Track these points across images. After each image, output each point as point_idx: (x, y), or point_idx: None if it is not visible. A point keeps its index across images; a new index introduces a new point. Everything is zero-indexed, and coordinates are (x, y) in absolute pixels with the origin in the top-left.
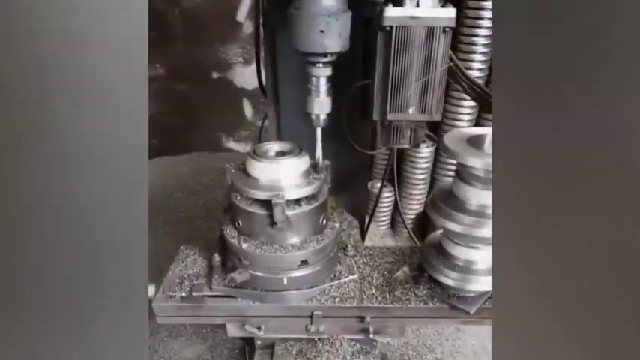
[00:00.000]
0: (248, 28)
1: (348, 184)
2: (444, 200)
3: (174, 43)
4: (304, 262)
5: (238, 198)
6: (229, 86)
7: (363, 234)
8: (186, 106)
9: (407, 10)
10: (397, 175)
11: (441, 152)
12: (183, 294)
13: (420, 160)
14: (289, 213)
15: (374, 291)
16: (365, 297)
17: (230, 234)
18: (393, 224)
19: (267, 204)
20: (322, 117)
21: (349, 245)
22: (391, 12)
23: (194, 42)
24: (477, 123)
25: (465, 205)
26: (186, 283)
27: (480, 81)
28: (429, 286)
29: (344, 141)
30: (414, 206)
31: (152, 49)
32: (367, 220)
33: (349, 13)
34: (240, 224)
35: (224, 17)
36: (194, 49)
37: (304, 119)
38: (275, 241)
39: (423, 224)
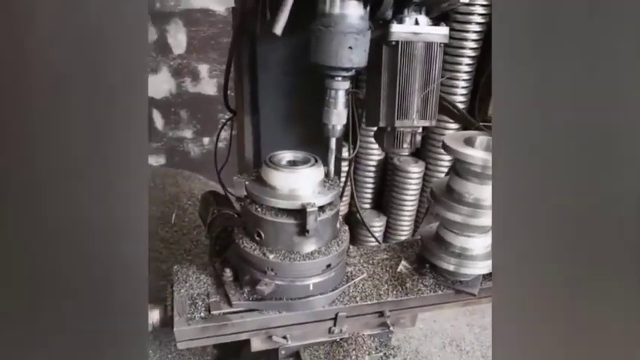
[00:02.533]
0: (152, 35)
1: None
2: (443, 193)
3: None
4: (328, 267)
5: (259, 209)
6: None
7: None
8: None
9: (409, 27)
10: None
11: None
12: (202, 314)
13: (343, 164)
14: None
15: (386, 286)
16: (381, 293)
17: (249, 246)
18: None
19: (293, 213)
20: (338, 127)
21: (350, 247)
22: (396, 28)
23: None
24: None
25: (462, 197)
26: (200, 302)
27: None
28: (432, 276)
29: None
30: (340, 207)
31: None
32: None
33: (370, 31)
34: (263, 235)
35: None
36: None
37: (284, 129)
38: (300, 249)
39: (349, 223)
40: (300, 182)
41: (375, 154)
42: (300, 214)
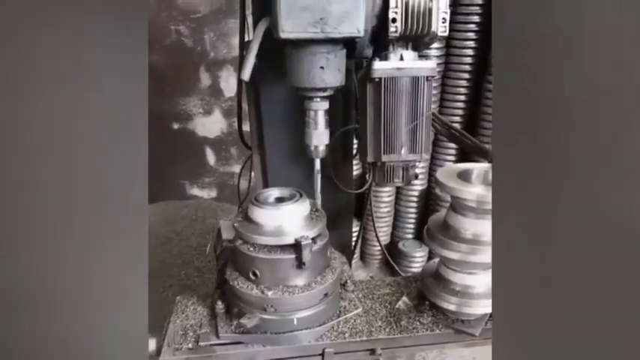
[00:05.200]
0: (206, 80)
1: (334, 222)
2: (439, 230)
3: None
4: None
5: (251, 249)
6: (191, 136)
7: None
8: (150, 157)
9: (393, 63)
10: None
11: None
12: (190, 345)
13: (383, 194)
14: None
15: (380, 323)
16: (373, 329)
17: (235, 280)
18: (363, 256)
19: (284, 248)
20: (321, 148)
21: (348, 281)
22: (379, 65)
23: (155, 96)
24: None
25: (459, 234)
26: (191, 333)
27: None
28: (432, 314)
29: (329, 181)
30: (381, 237)
31: None
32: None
33: (344, 51)
34: (258, 274)
35: (183, 72)
36: (154, 104)
37: (289, 164)
38: (290, 282)
39: (389, 254)
40: (288, 217)
41: (417, 183)
42: (290, 249)
